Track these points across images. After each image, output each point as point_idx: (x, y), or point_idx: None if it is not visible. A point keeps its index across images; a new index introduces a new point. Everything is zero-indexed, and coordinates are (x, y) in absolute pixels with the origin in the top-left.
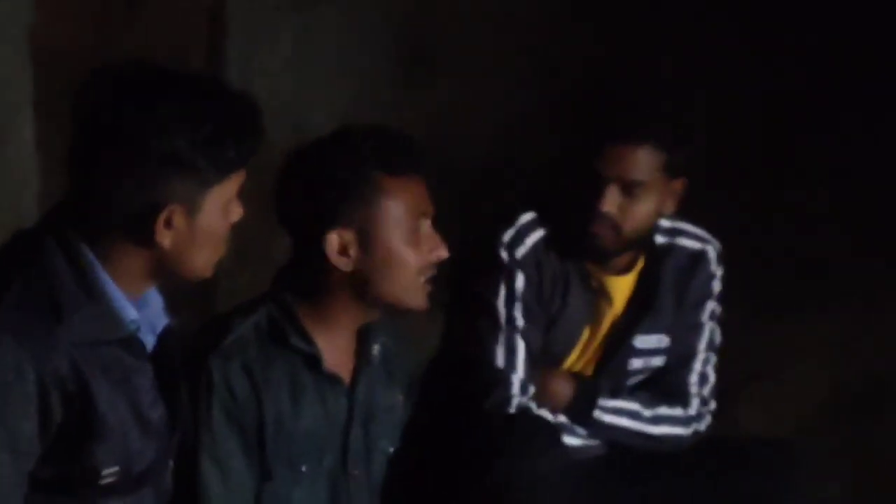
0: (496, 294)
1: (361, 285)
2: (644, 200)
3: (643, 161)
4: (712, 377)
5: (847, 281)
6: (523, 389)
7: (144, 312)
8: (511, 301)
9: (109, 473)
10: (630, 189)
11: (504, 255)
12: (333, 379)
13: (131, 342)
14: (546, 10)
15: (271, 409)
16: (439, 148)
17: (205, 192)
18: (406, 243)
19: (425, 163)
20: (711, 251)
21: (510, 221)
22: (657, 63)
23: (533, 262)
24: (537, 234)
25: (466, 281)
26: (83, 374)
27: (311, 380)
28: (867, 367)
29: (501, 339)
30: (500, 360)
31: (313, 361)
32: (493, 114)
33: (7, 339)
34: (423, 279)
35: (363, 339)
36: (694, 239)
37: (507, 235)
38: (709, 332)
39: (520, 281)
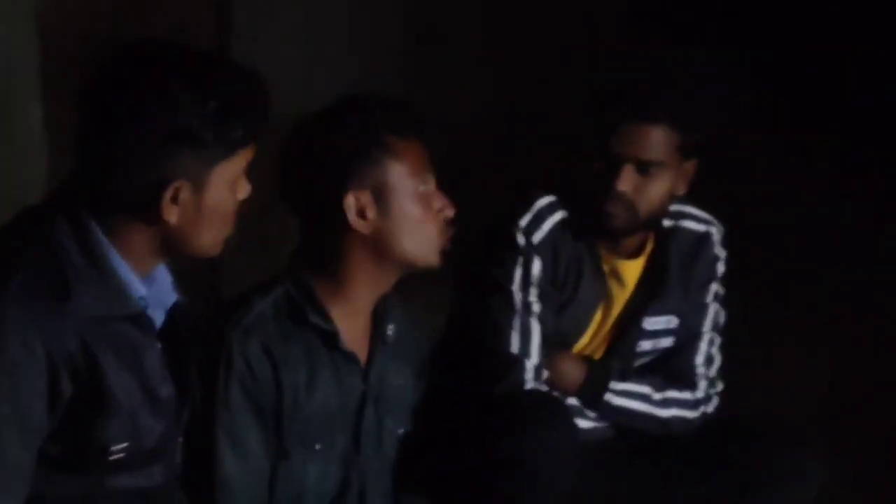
0: (511, 278)
1: (379, 247)
2: (658, 180)
3: (658, 140)
4: (718, 358)
5: (852, 265)
6: (537, 374)
7: (154, 289)
8: (527, 286)
9: (118, 449)
10: (645, 168)
11: (521, 239)
12: (350, 357)
13: (140, 318)
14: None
15: (289, 388)
16: (446, 123)
17: (211, 168)
18: (417, 202)
19: (426, 127)
20: (715, 233)
21: (527, 205)
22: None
23: (549, 247)
24: (554, 218)
25: (480, 264)
26: (92, 351)
27: (328, 358)
28: (868, 353)
29: (516, 323)
30: (514, 345)
31: (331, 339)
32: (502, 89)
33: (16, 315)
34: (436, 237)
35: (379, 318)
36: (698, 221)
37: (525, 220)
38: (713, 313)
39: (536, 266)
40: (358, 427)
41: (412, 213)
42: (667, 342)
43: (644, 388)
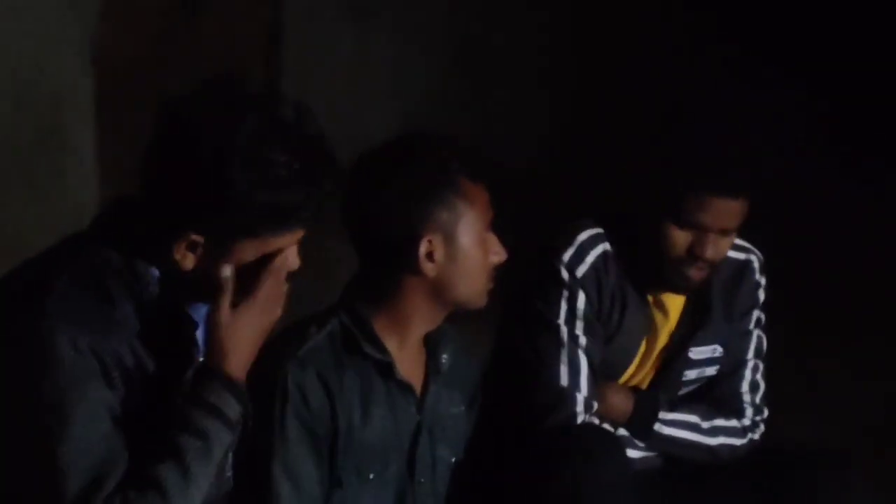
0: (557, 313)
1: (438, 288)
2: (733, 237)
3: (741, 210)
4: (762, 385)
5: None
6: (587, 407)
7: (197, 310)
8: (572, 319)
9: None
10: (726, 233)
11: (565, 274)
12: (405, 387)
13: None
14: (597, 29)
15: (343, 418)
16: (496, 154)
17: (268, 242)
18: (479, 247)
19: (490, 171)
20: (755, 261)
21: (570, 239)
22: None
23: (593, 280)
24: (597, 251)
25: (525, 298)
26: (139, 354)
27: (383, 388)
28: None
29: (564, 357)
30: (563, 378)
31: (386, 369)
32: (543, 128)
33: (58, 324)
34: (487, 280)
35: (433, 347)
36: (738, 250)
37: (567, 254)
38: (756, 339)
39: (581, 299)
40: (412, 456)
41: (474, 260)
42: (711, 371)
43: (692, 418)
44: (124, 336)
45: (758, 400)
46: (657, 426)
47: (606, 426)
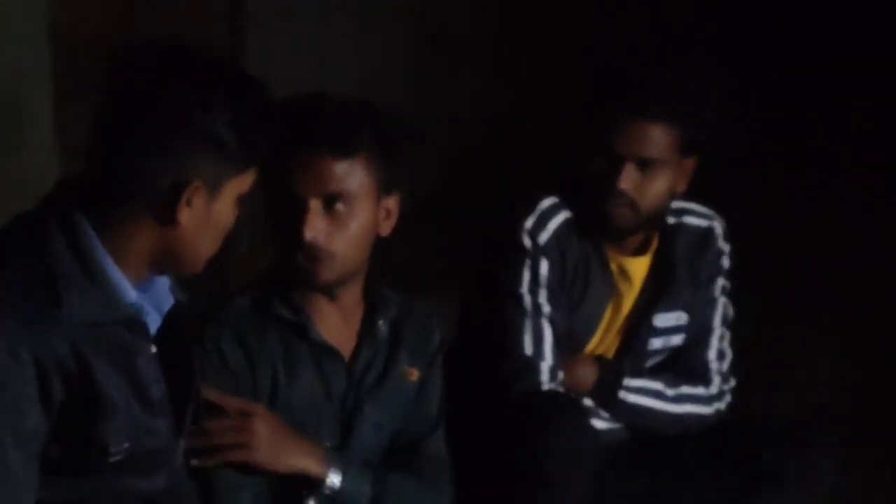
0: (520, 281)
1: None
2: (659, 178)
3: (658, 138)
4: (730, 353)
5: (865, 263)
6: (552, 376)
7: (150, 294)
8: (536, 288)
9: (118, 450)
10: (645, 167)
11: (527, 241)
12: (328, 350)
13: (133, 322)
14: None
15: (265, 378)
16: (457, 130)
17: (229, 177)
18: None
19: None
20: (718, 227)
21: (531, 207)
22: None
23: (556, 248)
24: (559, 219)
25: (488, 268)
26: (83, 354)
27: (306, 349)
28: (880, 355)
29: (528, 326)
30: (527, 347)
31: (303, 330)
32: (512, 96)
33: (3, 323)
34: None
35: (370, 313)
36: (700, 217)
37: (529, 222)
38: (722, 307)
39: (544, 267)
40: (344, 421)
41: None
42: (677, 339)
43: (657, 385)
44: (66, 334)
45: (725, 368)
46: (621, 394)
47: (572, 395)
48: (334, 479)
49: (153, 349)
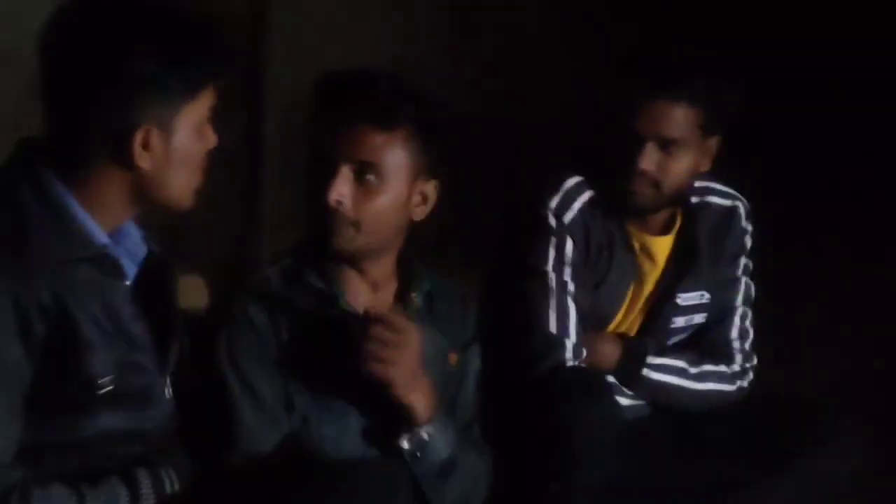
0: (545, 260)
1: None
2: (681, 158)
3: (679, 118)
4: (752, 332)
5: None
6: (576, 353)
7: (124, 244)
8: (560, 266)
9: (105, 382)
10: (667, 146)
11: (552, 220)
12: (357, 319)
13: (103, 260)
14: None
15: (292, 343)
16: (481, 108)
17: (177, 111)
18: None
19: None
20: (741, 207)
21: (556, 186)
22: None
23: (580, 226)
24: (583, 198)
25: (513, 247)
26: (59, 293)
27: (336, 317)
28: None
29: (553, 304)
30: (552, 325)
31: (332, 300)
32: (536, 74)
33: None
34: None
35: (402, 288)
36: (724, 196)
37: (554, 201)
38: (744, 287)
39: (569, 246)
40: (372, 384)
41: None
42: (699, 318)
43: (680, 363)
44: (39, 273)
45: (747, 347)
46: (644, 371)
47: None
48: (429, 429)
49: (127, 284)
